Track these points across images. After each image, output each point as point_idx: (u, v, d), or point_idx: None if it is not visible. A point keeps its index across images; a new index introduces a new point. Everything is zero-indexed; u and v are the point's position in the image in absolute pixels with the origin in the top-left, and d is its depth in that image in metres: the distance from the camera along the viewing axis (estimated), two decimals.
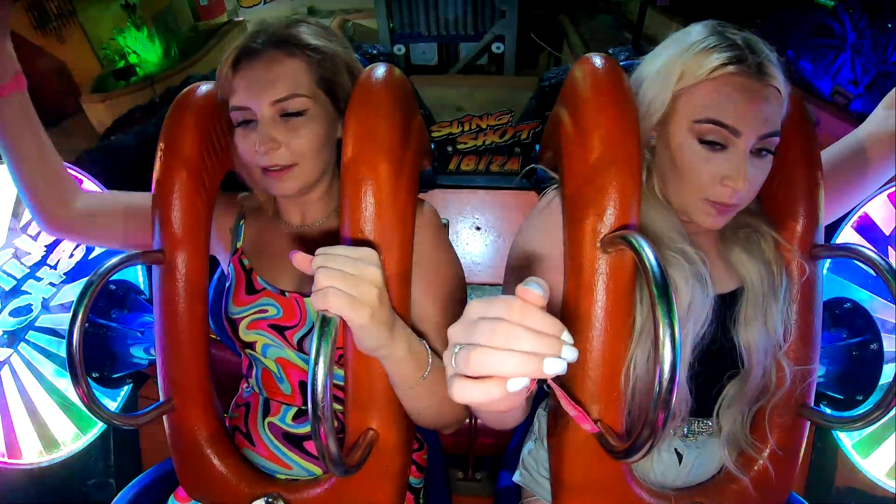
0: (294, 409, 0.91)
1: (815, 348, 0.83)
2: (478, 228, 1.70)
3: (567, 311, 0.74)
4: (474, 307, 0.47)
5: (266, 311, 0.90)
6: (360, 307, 0.62)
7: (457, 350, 0.47)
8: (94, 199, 0.99)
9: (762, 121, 0.74)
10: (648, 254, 0.56)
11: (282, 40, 0.84)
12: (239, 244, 0.97)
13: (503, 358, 0.43)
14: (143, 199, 0.93)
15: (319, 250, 0.62)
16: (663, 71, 0.78)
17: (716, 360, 0.81)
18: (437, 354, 0.81)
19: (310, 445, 0.90)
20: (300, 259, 0.63)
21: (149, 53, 2.88)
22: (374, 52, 1.68)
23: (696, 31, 0.78)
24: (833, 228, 1.28)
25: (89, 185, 1.33)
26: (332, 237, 0.92)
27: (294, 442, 0.90)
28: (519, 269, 0.84)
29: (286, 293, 0.90)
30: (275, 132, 0.82)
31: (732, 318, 0.82)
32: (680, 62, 0.76)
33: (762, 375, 0.80)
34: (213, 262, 0.94)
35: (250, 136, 0.83)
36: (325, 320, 0.59)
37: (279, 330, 0.89)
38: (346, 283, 0.61)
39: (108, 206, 0.98)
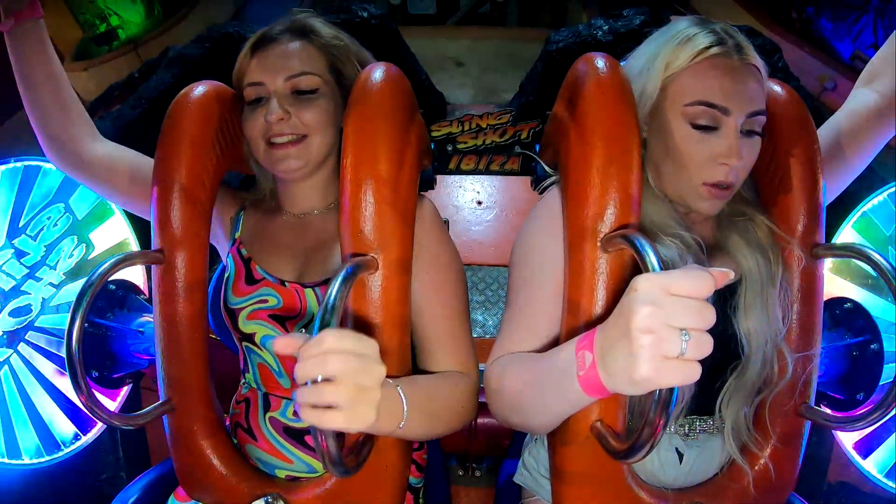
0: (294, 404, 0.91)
1: (815, 339, 0.84)
2: (479, 203, 1.68)
3: (568, 311, 0.74)
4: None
5: (266, 300, 0.90)
6: (364, 416, 0.54)
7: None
8: (110, 149, 1.00)
9: (748, 98, 0.78)
10: (649, 253, 0.56)
11: (298, 30, 0.91)
12: (237, 234, 0.98)
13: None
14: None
15: (307, 349, 0.53)
16: (650, 63, 0.82)
17: (717, 354, 0.81)
18: (442, 352, 0.82)
19: (311, 439, 0.90)
20: (283, 344, 0.56)
21: (130, 13, 2.74)
22: (365, 14, 1.59)
23: (679, 24, 0.83)
24: (833, 228, 1.28)
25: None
26: (332, 228, 0.92)
27: (295, 436, 0.90)
28: (522, 270, 0.84)
29: (286, 283, 0.91)
30: (286, 104, 0.86)
31: (732, 307, 0.82)
32: (665, 52, 0.81)
33: (762, 364, 0.81)
34: (213, 261, 0.94)
35: (260, 110, 0.87)
36: (324, 317, 0.59)
37: (280, 321, 0.90)
38: (348, 399, 0.53)
39: (120, 160, 0.99)
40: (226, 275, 0.96)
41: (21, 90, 0.94)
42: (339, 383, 0.52)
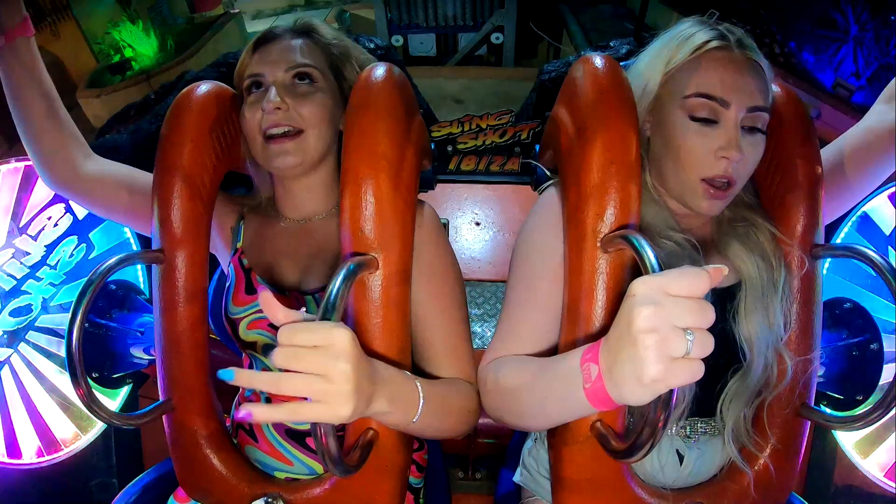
0: None
1: (815, 341, 0.83)
2: (477, 224, 1.69)
3: (567, 311, 0.74)
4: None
5: None
6: (336, 411, 0.56)
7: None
8: (105, 165, 0.98)
9: (749, 93, 0.78)
10: (649, 253, 0.56)
11: (301, 29, 0.93)
12: (239, 244, 0.97)
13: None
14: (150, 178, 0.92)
15: (281, 336, 0.56)
16: (652, 60, 0.83)
17: (717, 356, 0.81)
18: (442, 358, 0.81)
19: (312, 441, 0.90)
20: (268, 299, 0.58)
21: (144, 47, 2.84)
22: (371, 45, 1.64)
23: (683, 24, 0.84)
24: (833, 228, 1.28)
25: None
26: (333, 233, 0.92)
27: (296, 438, 0.90)
28: (522, 266, 0.84)
29: (286, 292, 0.91)
30: (284, 95, 0.86)
31: (732, 312, 0.82)
32: (668, 48, 0.82)
33: (763, 368, 0.81)
34: (213, 262, 0.94)
35: (258, 103, 0.87)
36: (323, 316, 0.59)
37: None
38: (316, 391, 0.55)
39: (116, 176, 0.97)
40: (227, 284, 0.96)
41: (12, 110, 0.91)
42: (308, 378, 0.55)
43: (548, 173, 0.94)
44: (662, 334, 0.48)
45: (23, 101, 0.90)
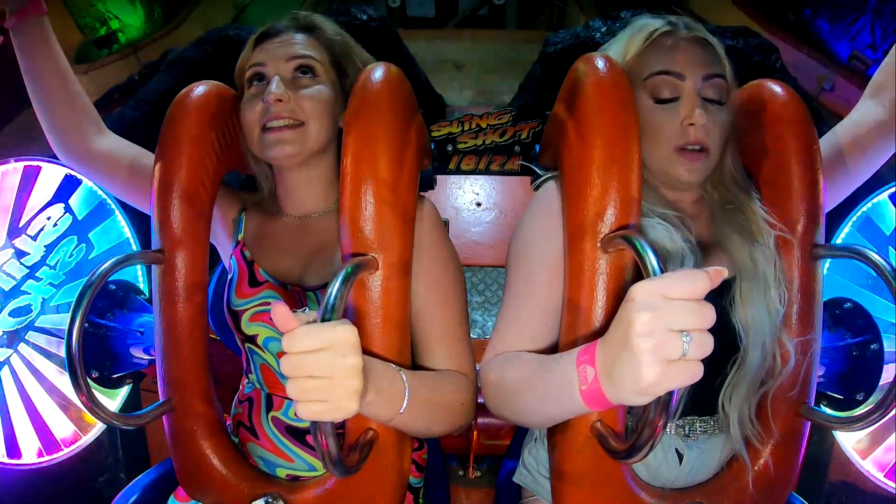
0: None
1: (815, 338, 0.83)
2: (478, 204, 1.68)
3: (567, 311, 0.74)
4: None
5: (269, 303, 0.90)
6: (343, 409, 0.57)
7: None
8: (116, 143, 1.01)
9: (701, 63, 0.83)
10: (650, 255, 0.56)
11: (302, 26, 0.93)
12: (240, 236, 0.98)
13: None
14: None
15: (284, 344, 0.56)
16: (616, 52, 0.88)
17: (716, 350, 0.81)
18: (440, 353, 0.82)
19: (312, 438, 0.90)
20: (282, 314, 0.57)
21: (131, 17, 2.76)
22: (364, 17, 1.58)
23: (640, 20, 0.90)
24: (833, 228, 1.28)
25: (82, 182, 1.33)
26: (333, 231, 0.92)
27: (296, 435, 0.90)
28: (521, 263, 0.84)
29: (288, 286, 0.91)
30: (286, 87, 0.86)
31: (729, 300, 0.83)
32: (624, 42, 0.88)
33: (763, 355, 0.81)
34: (213, 261, 0.94)
35: (259, 94, 0.88)
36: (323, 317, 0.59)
37: None
38: (323, 392, 0.56)
39: (126, 155, 1.00)
40: (229, 276, 0.96)
41: (28, 86, 0.95)
42: (315, 380, 0.55)
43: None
44: (658, 338, 0.49)
45: (38, 78, 0.94)
